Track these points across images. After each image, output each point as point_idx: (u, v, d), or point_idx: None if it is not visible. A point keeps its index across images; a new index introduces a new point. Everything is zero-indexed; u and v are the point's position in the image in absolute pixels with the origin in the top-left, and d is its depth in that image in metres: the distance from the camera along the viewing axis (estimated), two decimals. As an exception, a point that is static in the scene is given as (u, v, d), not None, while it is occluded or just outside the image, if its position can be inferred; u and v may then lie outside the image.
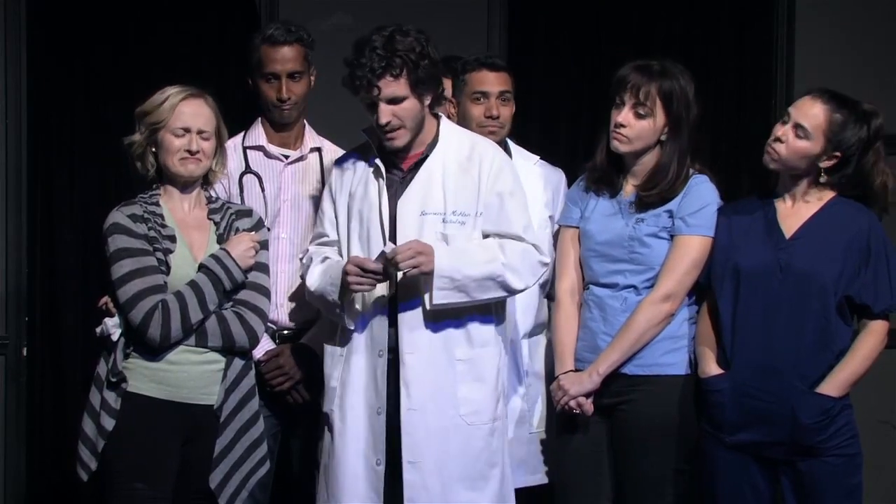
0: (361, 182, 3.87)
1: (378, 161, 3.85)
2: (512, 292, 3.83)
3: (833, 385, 3.71)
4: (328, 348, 3.92)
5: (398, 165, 3.86)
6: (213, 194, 3.96)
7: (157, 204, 3.81)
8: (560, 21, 5.83)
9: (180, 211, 3.85)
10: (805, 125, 3.74)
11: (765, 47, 5.72)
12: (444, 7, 5.48)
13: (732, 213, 3.89)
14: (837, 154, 3.75)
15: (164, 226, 3.78)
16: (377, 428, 3.79)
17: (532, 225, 3.89)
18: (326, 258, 3.90)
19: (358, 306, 3.82)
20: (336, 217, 3.91)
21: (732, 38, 5.77)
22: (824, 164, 3.76)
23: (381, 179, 3.84)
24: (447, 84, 4.10)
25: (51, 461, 5.64)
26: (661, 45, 5.70)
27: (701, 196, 3.90)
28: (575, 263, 4.03)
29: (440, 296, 3.73)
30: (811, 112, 3.75)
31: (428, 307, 3.75)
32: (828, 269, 3.72)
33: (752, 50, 5.74)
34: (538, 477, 4.15)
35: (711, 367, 3.82)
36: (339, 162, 3.97)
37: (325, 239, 3.95)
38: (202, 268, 3.76)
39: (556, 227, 4.15)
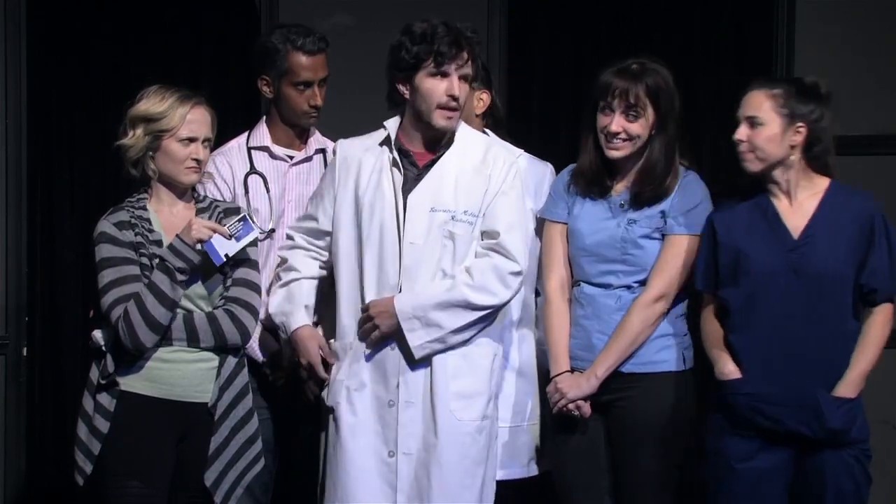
0: (375, 173, 3.88)
1: (396, 155, 3.87)
2: (486, 309, 3.83)
3: (850, 385, 3.72)
4: (335, 343, 3.93)
5: (414, 162, 3.89)
6: (200, 193, 3.96)
7: (144, 208, 3.80)
8: (560, 21, 5.83)
9: (169, 214, 3.83)
10: (754, 114, 3.77)
11: (765, 47, 5.72)
12: (443, 8, 5.46)
13: (727, 211, 3.88)
14: (801, 126, 3.76)
15: (151, 230, 3.77)
16: (388, 420, 3.81)
17: (519, 226, 3.87)
18: (292, 280, 3.96)
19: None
20: (337, 207, 3.91)
21: (732, 38, 5.77)
22: (794, 140, 3.76)
23: (398, 172, 3.86)
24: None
25: (51, 461, 5.65)
26: (661, 45, 5.71)
27: (693, 195, 3.91)
28: (564, 260, 4.02)
29: (415, 338, 3.78)
30: (753, 101, 3.79)
31: (416, 357, 3.79)
32: (843, 269, 3.73)
33: (752, 50, 5.75)
34: (501, 472, 4.11)
35: (731, 369, 3.81)
36: (349, 152, 3.95)
37: (312, 224, 3.96)
38: (159, 260, 3.73)
39: (538, 218, 4.11)
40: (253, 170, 4.20)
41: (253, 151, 4.23)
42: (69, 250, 5.70)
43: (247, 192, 4.17)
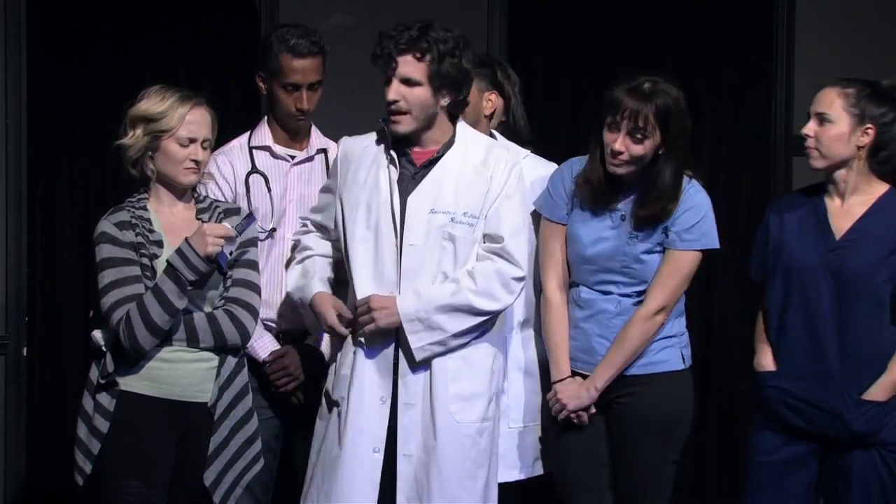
0: (372, 171, 3.87)
1: (393, 152, 3.86)
2: (488, 314, 3.83)
3: (881, 390, 3.73)
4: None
5: (411, 161, 3.88)
6: (201, 193, 3.96)
7: (144, 208, 3.80)
8: (560, 21, 5.83)
9: (169, 214, 3.83)
10: (824, 111, 3.77)
11: (765, 47, 5.73)
12: (443, 8, 5.48)
13: (784, 207, 3.89)
14: (869, 128, 3.75)
15: (151, 231, 3.77)
16: (381, 419, 3.81)
17: (524, 230, 3.88)
18: (306, 258, 3.97)
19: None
20: (342, 207, 3.90)
21: (732, 38, 5.78)
22: (861, 141, 3.75)
23: (394, 171, 3.85)
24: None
25: (51, 461, 5.65)
26: (661, 45, 5.72)
27: (696, 210, 3.89)
28: (563, 261, 4.01)
29: (416, 340, 3.78)
30: (825, 99, 3.78)
31: (417, 359, 3.79)
32: (879, 274, 3.72)
33: (753, 50, 5.75)
34: (514, 473, 4.12)
35: (766, 361, 3.86)
36: (349, 148, 3.95)
37: (318, 217, 4.00)
38: (167, 266, 3.72)
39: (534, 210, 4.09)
40: (254, 169, 4.20)
41: (254, 151, 4.23)
42: (69, 250, 5.70)
43: (248, 191, 4.17)
